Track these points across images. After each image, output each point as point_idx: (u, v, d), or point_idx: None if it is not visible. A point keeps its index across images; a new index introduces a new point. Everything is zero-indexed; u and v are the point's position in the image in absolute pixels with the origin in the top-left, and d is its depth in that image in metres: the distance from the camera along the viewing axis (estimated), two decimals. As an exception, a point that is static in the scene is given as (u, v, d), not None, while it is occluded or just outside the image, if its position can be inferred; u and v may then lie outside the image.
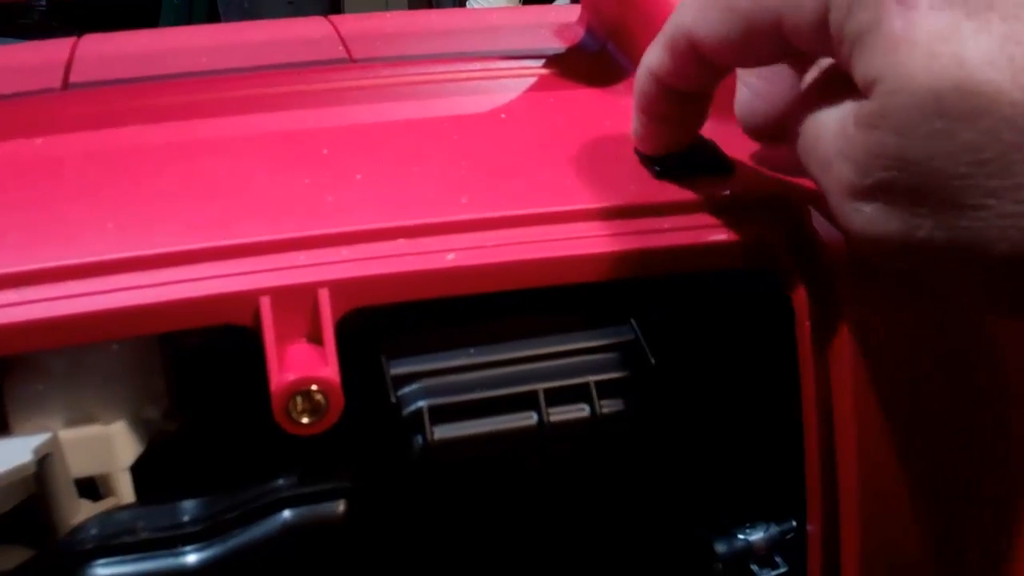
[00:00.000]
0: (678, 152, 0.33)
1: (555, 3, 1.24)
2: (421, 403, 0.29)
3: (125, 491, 0.31)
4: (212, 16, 1.73)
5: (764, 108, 0.31)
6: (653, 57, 0.30)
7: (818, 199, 0.32)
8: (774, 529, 0.34)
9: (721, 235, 0.30)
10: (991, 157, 0.22)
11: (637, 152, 0.34)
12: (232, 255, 0.29)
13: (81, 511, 0.30)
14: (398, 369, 0.30)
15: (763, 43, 0.27)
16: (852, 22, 0.24)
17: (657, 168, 0.32)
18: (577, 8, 0.45)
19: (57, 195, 0.31)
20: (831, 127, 0.26)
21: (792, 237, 0.31)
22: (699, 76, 0.29)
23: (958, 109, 0.22)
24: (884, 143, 0.23)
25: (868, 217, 0.24)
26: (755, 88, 0.31)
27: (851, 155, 0.25)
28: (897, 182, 0.23)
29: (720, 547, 0.34)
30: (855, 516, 0.32)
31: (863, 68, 0.24)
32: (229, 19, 1.62)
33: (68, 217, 0.30)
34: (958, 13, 0.22)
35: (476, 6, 1.32)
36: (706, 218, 0.31)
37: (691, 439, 0.33)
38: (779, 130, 0.32)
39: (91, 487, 0.31)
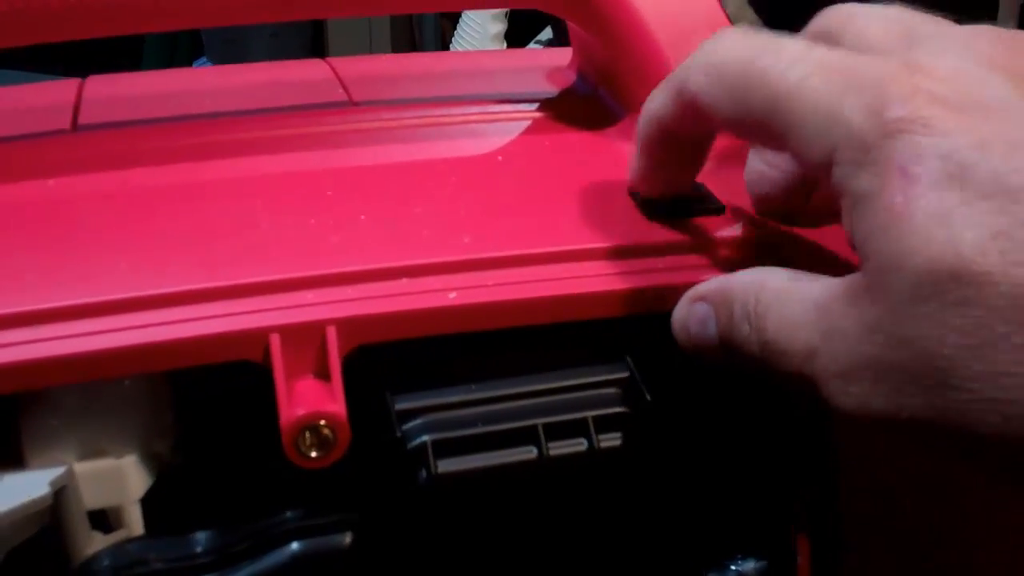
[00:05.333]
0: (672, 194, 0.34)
1: (530, 45, 1.26)
2: (425, 437, 0.30)
3: (135, 523, 0.31)
4: (196, 48, 1.74)
5: (777, 178, 0.32)
6: (657, 103, 0.31)
7: (808, 241, 0.33)
8: (764, 561, 0.35)
9: (713, 274, 0.31)
10: (977, 344, 0.23)
11: (632, 193, 0.35)
12: (243, 294, 0.30)
13: (93, 543, 0.31)
14: (402, 404, 0.31)
15: (767, 142, 0.28)
16: (855, 182, 0.25)
17: (650, 210, 0.34)
18: (569, 51, 0.46)
19: (71, 235, 0.32)
20: (807, 313, 0.26)
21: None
22: (700, 129, 0.30)
23: (951, 295, 0.23)
24: (878, 320, 0.24)
25: (857, 399, 0.25)
26: (767, 158, 0.32)
27: (840, 335, 0.25)
28: (887, 361, 0.24)
29: (712, 578, 0.35)
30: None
31: (860, 232, 0.25)
32: (213, 51, 1.63)
33: (82, 257, 0.31)
34: (955, 197, 0.23)
35: (460, 49, 1.34)
36: (698, 258, 0.32)
37: (685, 472, 0.34)
38: (790, 202, 0.33)
39: (102, 519, 0.31)
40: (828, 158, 0.25)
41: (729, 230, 0.33)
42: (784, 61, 0.26)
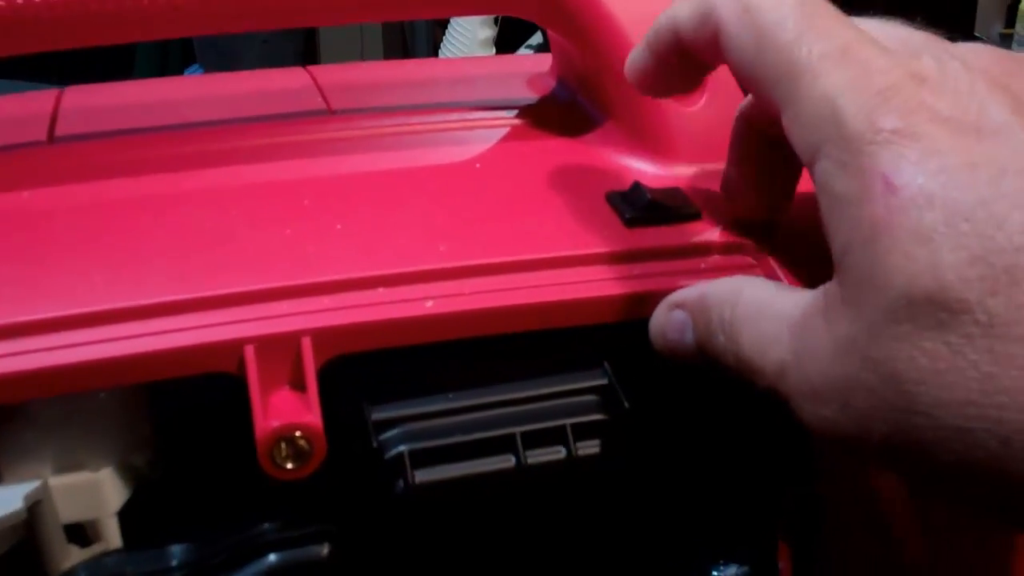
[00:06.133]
0: (647, 200, 0.34)
1: (519, 51, 1.26)
2: (402, 447, 0.30)
3: (112, 537, 0.31)
4: (188, 55, 1.74)
5: (749, 186, 0.32)
6: (684, 12, 0.30)
7: (785, 247, 0.33)
8: (746, 567, 0.35)
9: (690, 280, 0.31)
10: (947, 368, 0.22)
11: (607, 200, 0.35)
12: (217, 305, 0.29)
13: (70, 557, 0.31)
14: (379, 414, 0.31)
15: (766, 103, 0.27)
16: (836, 183, 0.24)
17: (627, 216, 0.34)
18: (549, 58, 0.46)
19: (46, 248, 0.32)
20: (780, 330, 0.26)
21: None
22: (710, 54, 0.29)
23: (927, 318, 0.22)
24: (850, 338, 0.24)
25: (827, 421, 0.25)
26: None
27: (812, 353, 0.25)
28: (857, 382, 0.24)
29: (693, 584, 0.35)
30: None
31: (839, 240, 0.24)
32: (205, 58, 1.63)
33: (57, 270, 0.31)
34: (937, 216, 0.23)
35: (449, 54, 1.34)
36: (675, 264, 0.32)
37: (665, 479, 0.34)
38: (765, 209, 0.33)
39: (79, 533, 0.31)
40: (815, 149, 0.25)
41: (706, 236, 0.33)
42: (814, 33, 0.26)
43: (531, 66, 0.48)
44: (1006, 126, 0.24)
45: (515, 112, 0.42)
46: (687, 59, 0.31)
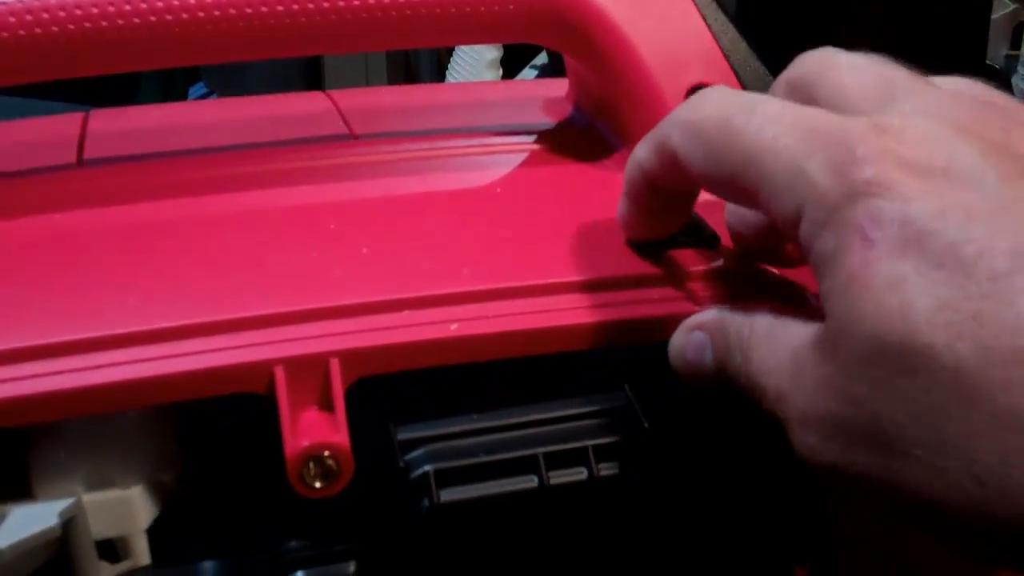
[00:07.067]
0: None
1: (526, 69, 1.26)
2: (427, 467, 0.31)
3: (142, 553, 0.32)
4: (192, 72, 1.74)
5: (753, 221, 0.33)
6: (643, 154, 0.31)
7: (801, 269, 0.34)
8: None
9: (709, 304, 0.32)
10: (922, 412, 0.23)
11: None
12: (247, 327, 0.30)
13: (101, 573, 0.31)
14: (405, 435, 0.31)
15: (740, 199, 0.29)
16: (818, 242, 0.25)
17: (647, 240, 0.34)
18: (565, 83, 0.47)
19: (79, 271, 0.32)
20: (784, 356, 0.27)
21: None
22: (681, 182, 0.31)
23: (898, 363, 0.23)
24: (832, 377, 0.25)
25: (812, 449, 0.26)
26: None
27: (803, 383, 0.26)
28: (840, 417, 0.25)
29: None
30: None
31: (823, 290, 0.25)
32: (209, 76, 1.63)
33: (89, 292, 0.31)
34: (909, 265, 0.23)
35: (457, 74, 1.35)
36: (693, 288, 0.33)
37: (685, 500, 0.34)
38: (765, 243, 0.33)
39: (109, 550, 0.32)
40: (796, 215, 0.26)
41: (723, 261, 0.34)
42: (758, 120, 0.27)
43: (548, 91, 0.48)
44: (974, 169, 0.24)
45: (534, 137, 0.43)
46: (665, 196, 0.32)
